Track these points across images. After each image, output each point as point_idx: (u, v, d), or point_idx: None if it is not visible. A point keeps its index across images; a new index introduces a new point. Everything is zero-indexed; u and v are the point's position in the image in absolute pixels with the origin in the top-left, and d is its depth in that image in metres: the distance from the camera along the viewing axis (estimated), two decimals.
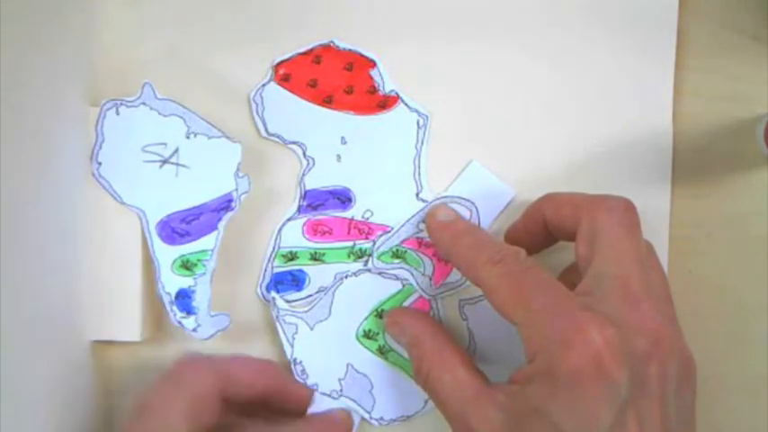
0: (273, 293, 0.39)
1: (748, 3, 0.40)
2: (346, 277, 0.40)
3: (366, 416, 0.40)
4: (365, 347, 0.40)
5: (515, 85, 0.40)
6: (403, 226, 0.40)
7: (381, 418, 0.40)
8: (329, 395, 0.39)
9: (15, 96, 0.32)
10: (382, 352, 0.40)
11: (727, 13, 0.40)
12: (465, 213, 0.39)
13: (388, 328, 0.39)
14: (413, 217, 0.39)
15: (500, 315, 0.34)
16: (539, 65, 0.40)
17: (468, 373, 0.35)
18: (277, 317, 0.39)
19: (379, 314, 0.40)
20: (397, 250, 0.40)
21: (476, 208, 0.39)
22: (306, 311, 0.40)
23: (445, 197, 0.39)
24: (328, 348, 0.40)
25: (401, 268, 0.40)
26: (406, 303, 0.40)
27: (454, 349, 0.36)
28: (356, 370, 0.40)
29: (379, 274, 0.40)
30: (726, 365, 0.40)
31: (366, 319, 0.40)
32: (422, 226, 0.39)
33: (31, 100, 0.33)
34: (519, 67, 0.40)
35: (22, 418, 0.32)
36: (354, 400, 0.40)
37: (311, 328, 0.40)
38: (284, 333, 0.39)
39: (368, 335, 0.40)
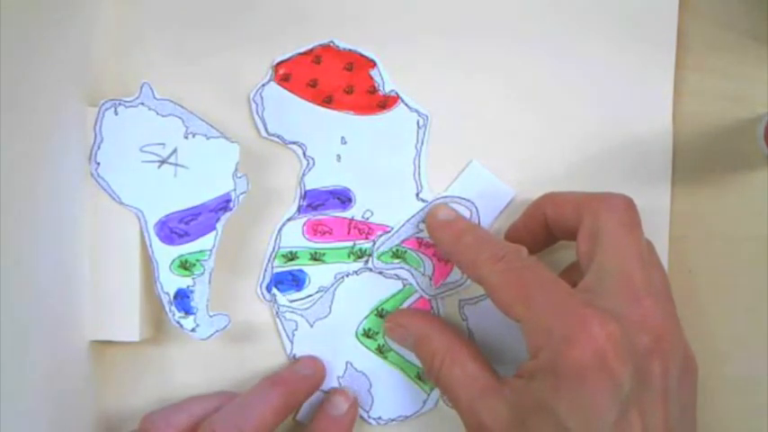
0: (275, 290, 0.39)
1: (748, 3, 0.40)
2: (347, 276, 0.40)
3: (364, 415, 0.40)
4: (365, 346, 0.40)
5: (515, 86, 0.40)
6: (403, 226, 0.39)
7: (379, 418, 0.40)
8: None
9: (14, 97, 0.32)
10: (382, 351, 0.40)
11: (727, 13, 0.40)
12: (465, 213, 0.39)
13: (390, 333, 0.39)
14: (413, 217, 0.39)
15: (502, 312, 0.34)
16: (539, 65, 0.40)
17: (477, 366, 0.35)
18: (277, 313, 0.39)
19: (379, 313, 0.40)
20: (397, 250, 0.40)
21: (476, 208, 0.39)
22: (306, 309, 0.40)
23: (445, 197, 0.39)
24: (328, 346, 0.40)
25: (401, 268, 0.40)
26: (406, 303, 0.40)
27: (463, 343, 0.36)
28: (355, 368, 0.40)
29: (380, 273, 0.40)
30: (726, 365, 0.40)
31: (366, 317, 0.40)
32: (422, 226, 0.39)
33: (30, 100, 0.33)
34: (519, 67, 0.40)
35: (21, 418, 0.32)
36: None
37: (311, 326, 0.40)
38: (284, 329, 0.39)
39: (368, 334, 0.40)
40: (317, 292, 0.40)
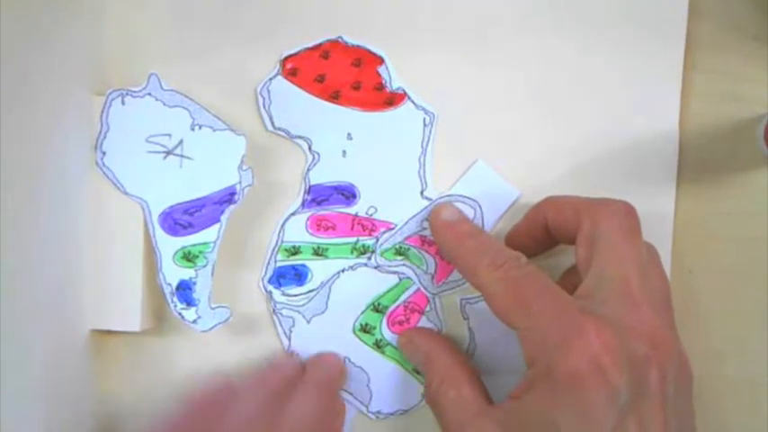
0: (270, 287, 0.39)
1: (749, 3, 0.40)
2: (343, 271, 0.40)
3: (363, 409, 0.40)
4: (362, 341, 0.40)
5: (522, 86, 0.40)
6: (407, 223, 0.40)
7: (379, 412, 0.40)
8: None
9: (21, 85, 0.32)
10: (379, 346, 0.40)
11: (728, 13, 0.40)
12: (469, 213, 0.39)
13: (403, 348, 0.39)
14: (417, 215, 0.39)
15: (500, 320, 0.34)
16: (546, 66, 0.40)
17: (472, 390, 0.35)
18: (274, 310, 0.39)
19: (376, 308, 0.40)
20: (400, 247, 0.40)
21: (480, 207, 0.40)
22: (303, 305, 0.40)
23: (450, 195, 0.39)
24: (325, 342, 0.40)
25: (404, 265, 0.40)
26: (402, 297, 0.40)
27: (463, 367, 0.36)
28: (353, 363, 0.40)
29: (376, 268, 0.40)
30: (726, 365, 0.40)
31: (363, 312, 0.40)
32: (425, 224, 0.39)
33: (37, 89, 0.33)
34: (526, 67, 0.40)
35: (21, 406, 0.32)
36: (351, 394, 0.40)
37: (308, 322, 0.40)
38: (281, 326, 0.40)
39: (365, 329, 0.40)
40: (319, 287, 0.40)
